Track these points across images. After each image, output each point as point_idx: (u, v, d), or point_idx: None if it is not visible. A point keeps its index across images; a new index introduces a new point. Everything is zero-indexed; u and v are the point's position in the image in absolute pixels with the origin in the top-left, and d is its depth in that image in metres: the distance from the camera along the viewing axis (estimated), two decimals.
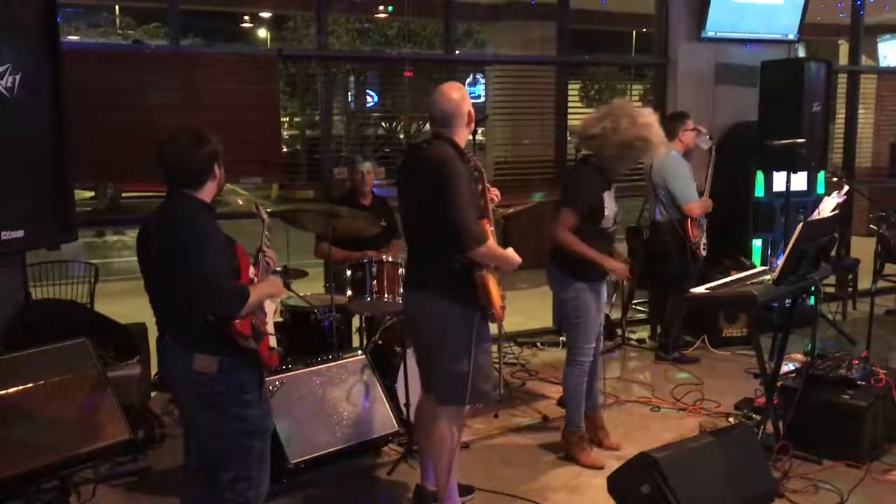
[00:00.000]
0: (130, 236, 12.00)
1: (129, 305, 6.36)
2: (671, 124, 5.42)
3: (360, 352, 4.29)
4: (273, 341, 2.88)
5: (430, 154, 3.24)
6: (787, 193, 5.22)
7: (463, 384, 3.25)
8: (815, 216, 4.19)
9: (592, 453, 4.18)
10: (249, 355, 2.75)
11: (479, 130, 3.56)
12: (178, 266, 2.61)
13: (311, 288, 5.13)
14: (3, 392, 3.48)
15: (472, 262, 3.18)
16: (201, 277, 2.59)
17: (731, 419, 4.57)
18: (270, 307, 2.95)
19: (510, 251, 3.33)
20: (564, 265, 4.02)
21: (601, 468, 3.98)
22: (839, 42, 12.60)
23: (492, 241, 3.22)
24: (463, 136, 3.34)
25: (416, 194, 3.29)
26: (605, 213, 3.97)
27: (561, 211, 4.01)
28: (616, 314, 6.26)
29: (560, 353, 6.06)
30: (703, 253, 5.57)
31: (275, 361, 2.90)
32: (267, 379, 3.75)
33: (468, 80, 12.62)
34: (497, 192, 3.56)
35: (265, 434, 2.93)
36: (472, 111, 3.34)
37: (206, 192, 2.81)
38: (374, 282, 4.38)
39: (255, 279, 2.87)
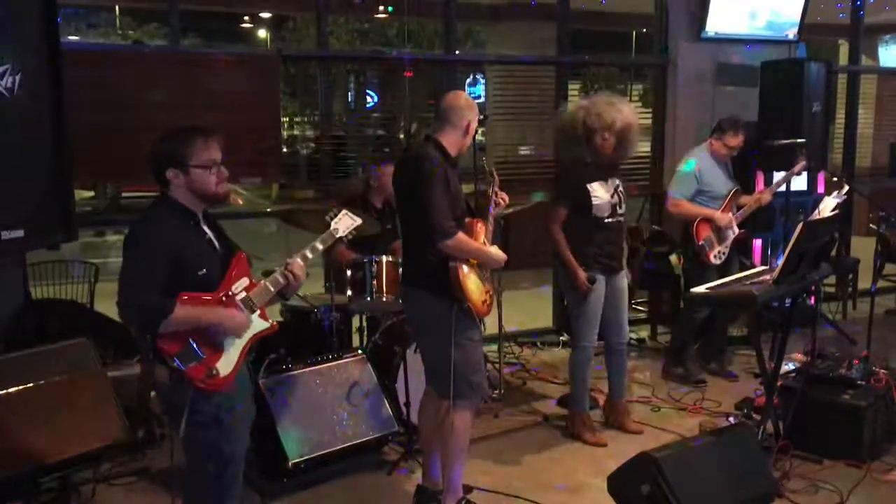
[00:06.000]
0: None
1: None
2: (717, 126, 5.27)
3: (360, 352, 4.29)
4: (222, 366, 2.57)
5: (411, 153, 3.47)
6: (788, 193, 5.21)
7: (447, 375, 3.30)
8: (815, 216, 4.19)
9: (597, 434, 4.44)
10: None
11: (479, 130, 3.62)
12: None
13: (311, 288, 5.12)
14: (4, 392, 3.48)
15: (447, 256, 3.28)
16: (120, 286, 2.47)
17: (731, 419, 4.57)
18: (246, 333, 2.66)
19: (493, 249, 3.47)
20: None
21: (604, 445, 4.33)
22: (839, 42, 12.59)
23: (462, 236, 3.30)
24: (454, 142, 3.40)
25: (400, 191, 3.47)
26: (595, 203, 4.19)
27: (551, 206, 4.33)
28: None
29: (560, 353, 6.07)
30: (714, 261, 5.08)
31: (212, 387, 2.55)
32: (262, 381, 3.77)
33: (468, 80, 12.60)
34: (505, 197, 3.68)
35: (221, 459, 2.66)
36: (472, 125, 3.41)
37: (177, 193, 2.60)
38: (375, 282, 4.38)
39: (246, 294, 2.65)
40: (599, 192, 4.21)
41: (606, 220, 4.24)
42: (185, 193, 2.61)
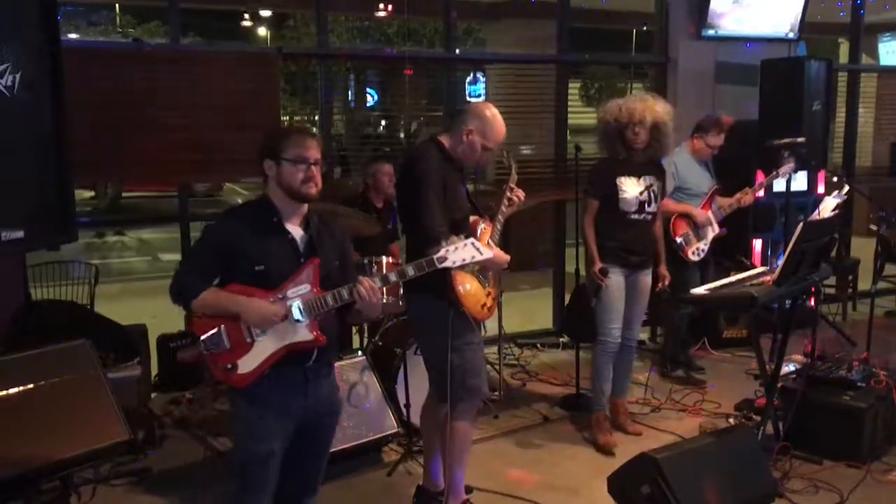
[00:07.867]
0: (130, 237, 11.97)
1: (129, 306, 6.34)
2: (697, 126, 5.26)
3: (359, 353, 4.29)
4: (243, 363, 2.56)
5: (410, 153, 3.50)
6: (788, 193, 5.21)
7: (445, 378, 3.29)
8: (815, 216, 4.19)
9: (609, 437, 4.38)
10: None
11: None
12: None
13: None
14: (4, 392, 3.48)
15: None
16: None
17: (731, 420, 4.58)
18: (276, 338, 2.58)
19: (494, 251, 3.35)
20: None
21: (612, 454, 4.23)
22: (839, 41, 12.58)
23: (455, 239, 3.21)
24: (453, 147, 3.37)
25: (399, 193, 3.48)
26: (622, 197, 4.24)
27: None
28: None
29: (560, 354, 6.07)
30: (693, 258, 5.06)
31: (227, 381, 2.61)
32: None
33: (468, 79, 12.59)
34: (521, 193, 3.65)
35: (244, 454, 2.64)
36: (473, 138, 3.33)
37: (271, 188, 2.67)
38: None
39: (301, 300, 2.57)
40: (628, 187, 4.26)
41: (632, 216, 4.27)
42: (276, 189, 2.66)
